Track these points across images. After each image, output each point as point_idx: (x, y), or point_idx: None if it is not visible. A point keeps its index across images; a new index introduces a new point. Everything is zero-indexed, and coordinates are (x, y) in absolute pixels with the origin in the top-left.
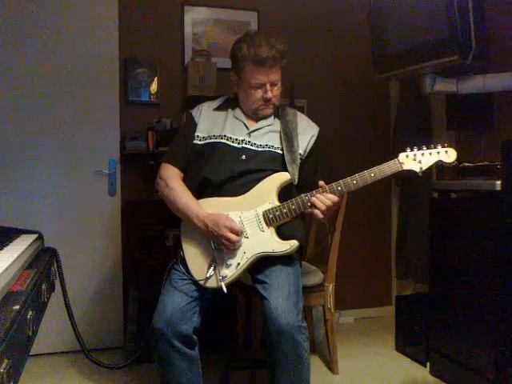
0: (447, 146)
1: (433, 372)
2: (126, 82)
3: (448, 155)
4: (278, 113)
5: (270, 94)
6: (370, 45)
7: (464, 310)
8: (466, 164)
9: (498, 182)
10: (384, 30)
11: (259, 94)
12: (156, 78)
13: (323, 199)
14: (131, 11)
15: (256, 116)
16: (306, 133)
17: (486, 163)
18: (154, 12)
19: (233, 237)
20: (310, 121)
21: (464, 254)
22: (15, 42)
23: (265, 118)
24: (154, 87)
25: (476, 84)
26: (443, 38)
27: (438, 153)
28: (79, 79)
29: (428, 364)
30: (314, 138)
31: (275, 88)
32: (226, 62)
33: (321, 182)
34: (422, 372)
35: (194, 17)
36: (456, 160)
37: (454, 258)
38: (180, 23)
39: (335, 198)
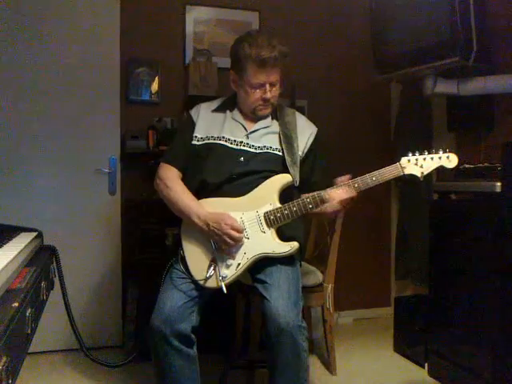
0: (449, 151)
1: (431, 373)
2: (127, 81)
3: (449, 160)
4: (276, 114)
5: (268, 95)
6: (371, 46)
7: (463, 311)
8: (467, 165)
9: (498, 184)
10: (385, 31)
11: (258, 94)
12: (157, 78)
13: (339, 192)
14: (133, 10)
15: (254, 116)
16: (305, 133)
17: (486, 165)
18: (156, 11)
19: (234, 234)
20: (308, 121)
21: (464, 256)
22: (16, 42)
23: (263, 118)
24: (154, 86)
25: (477, 86)
26: (445, 39)
27: (440, 158)
28: (80, 78)
29: (426, 365)
30: (311, 138)
31: (274, 89)
32: (227, 62)
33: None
34: (421, 373)
35: (195, 16)
36: None
37: (453, 260)
38: (182, 23)
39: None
